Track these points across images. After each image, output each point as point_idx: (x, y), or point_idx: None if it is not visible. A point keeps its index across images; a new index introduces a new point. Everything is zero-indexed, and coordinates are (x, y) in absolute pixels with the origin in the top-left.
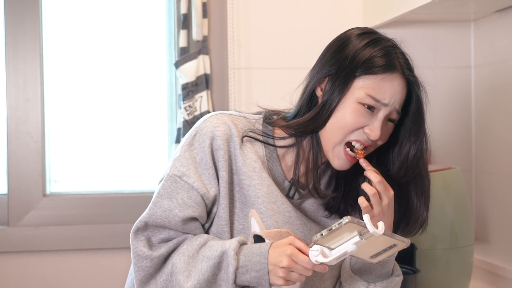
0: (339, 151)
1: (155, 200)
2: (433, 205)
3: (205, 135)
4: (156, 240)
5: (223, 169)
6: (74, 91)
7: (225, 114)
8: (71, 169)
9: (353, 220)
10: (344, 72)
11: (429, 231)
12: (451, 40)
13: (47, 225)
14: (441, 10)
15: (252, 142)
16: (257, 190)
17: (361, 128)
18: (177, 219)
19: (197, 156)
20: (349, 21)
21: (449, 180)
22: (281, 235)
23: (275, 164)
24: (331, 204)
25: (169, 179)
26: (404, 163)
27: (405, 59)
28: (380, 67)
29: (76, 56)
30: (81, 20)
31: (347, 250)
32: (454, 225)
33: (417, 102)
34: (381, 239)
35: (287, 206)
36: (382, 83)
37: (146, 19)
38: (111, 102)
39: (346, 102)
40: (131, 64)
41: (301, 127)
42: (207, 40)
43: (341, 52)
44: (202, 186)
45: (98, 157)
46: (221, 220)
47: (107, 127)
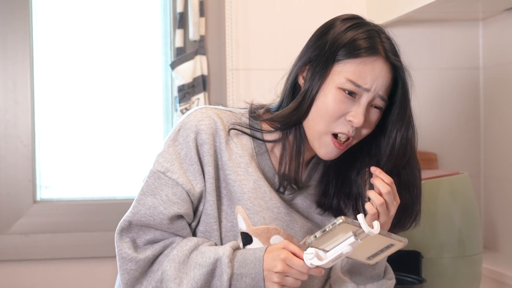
0: (327, 140)
1: (139, 198)
2: (440, 212)
3: (190, 129)
4: (141, 242)
5: (208, 164)
6: (65, 93)
7: (210, 108)
8: (63, 175)
9: (347, 220)
10: (324, 57)
11: (436, 239)
12: (458, 40)
13: (37, 233)
14: (448, 8)
15: (239, 136)
16: (242, 185)
17: (344, 116)
18: (162, 216)
19: (182, 152)
20: None
21: (457, 186)
22: (268, 231)
23: (265, 157)
24: (323, 201)
25: (152, 176)
26: (391, 152)
27: (390, 44)
28: (361, 50)
29: (67, 56)
30: (73, 19)
31: (342, 252)
32: (462, 233)
33: (402, 87)
34: (377, 239)
35: (276, 202)
36: (362, 66)
37: (140, 18)
38: (104, 105)
39: (326, 89)
40: (125, 65)
41: (285, 119)
42: (204, 40)
43: (323, 37)
44: (187, 182)
45: (91, 162)
46: (209, 217)
47: (100, 130)
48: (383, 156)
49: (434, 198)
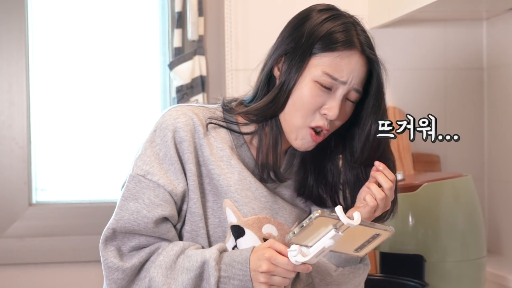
0: (304, 133)
1: (121, 204)
2: (443, 215)
3: (167, 128)
4: (126, 249)
5: (189, 161)
6: (61, 94)
7: (184, 106)
8: (59, 177)
9: (324, 214)
10: (301, 50)
11: (439, 243)
12: (462, 39)
13: (33, 236)
14: (452, 7)
15: (217, 130)
16: (228, 178)
17: (319, 110)
18: (147, 220)
19: (160, 152)
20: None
21: (460, 189)
22: (259, 221)
23: (244, 149)
24: (302, 189)
25: (132, 180)
26: (366, 143)
27: (366, 37)
28: (338, 43)
29: (64, 57)
30: (69, 19)
31: (324, 246)
32: (465, 236)
33: (377, 80)
34: (360, 230)
35: (262, 191)
36: (338, 60)
37: (138, 17)
38: (101, 106)
39: (303, 82)
40: (122, 65)
41: (261, 111)
42: (203, 40)
43: (299, 29)
44: (168, 182)
45: (88, 164)
46: (194, 216)
47: (96, 132)
48: (358, 148)
49: (437, 201)
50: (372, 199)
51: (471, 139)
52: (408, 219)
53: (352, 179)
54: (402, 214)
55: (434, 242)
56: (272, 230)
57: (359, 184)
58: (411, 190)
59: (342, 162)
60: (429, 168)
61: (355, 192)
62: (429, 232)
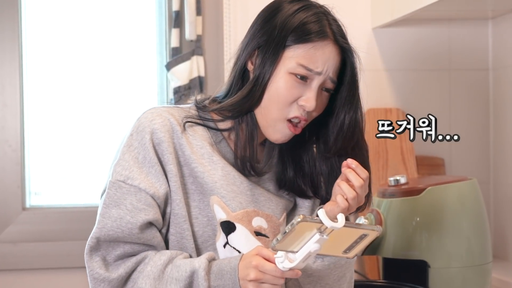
0: (282, 126)
1: (102, 212)
2: (447, 220)
3: (144, 131)
4: (111, 259)
5: (169, 162)
6: (56, 95)
7: (158, 107)
8: (53, 181)
9: (306, 219)
10: (274, 43)
11: (444, 248)
12: (467, 39)
13: (26, 241)
14: (456, 7)
15: (194, 128)
16: (212, 175)
17: (296, 101)
18: (131, 226)
19: (139, 156)
20: (357, 18)
21: (465, 192)
22: (248, 215)
23: (223, 145)
24: (283, 181)
25: (112, 186)
26: (340, 133)
27: (338, 26)
28: (311, 34)
29: (58, 57)
30: (64, 18)
31: (310, 250)
32: (470, 242)
33: (351, 70)
34: (346, 232)
35: (247, 185)
36: (313, 51)
37: (135, 16)
38: (96, 108)
39: (278, 75)
40: (118, 66)
41: (236, 107)
42: (202, 39)
43: (271, 21)
44: (150, 186)
45: (83, 167)
46: (177, 217)
47: (92, 134)
48: (331, 137)
49: (441, 205)
50: (342, 199)
51: (477, 142)
52: (411, 224)
53: (326, 169)
54: (406, 219)
55: (438, 247)
56: (262, 222)
57: (333, 174)
58: (414, 194)
59: (316, 153)
60: (433, 172)
61: (330, 182)
62: (433, 237)
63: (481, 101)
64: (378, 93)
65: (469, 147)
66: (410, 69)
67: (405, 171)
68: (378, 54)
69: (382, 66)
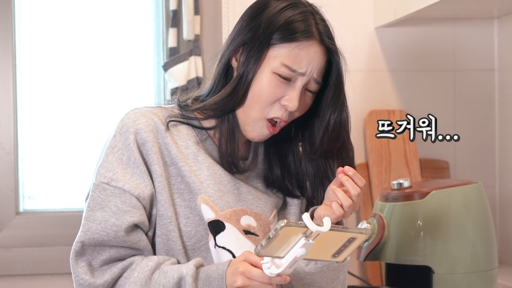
0: (261, 125)
1: (87, 215)
2: (452, 224)
3: (127, 131)
4: (97, 264)
5: (154, 162)
6: (50, 97)
7: (141, 108)
8: (48, 184)
9: (290, 223)
10: (259, 41)
11: (448, 253)
12: (472, 39)
13: (20, 247)
14: (461, 6)
15: (178, 128)
16: (198, 175)
17: (279, 101)
18: (116, 228)
19: (123, 157)
20: (359, 17)
21: (470, 196)
22: (236, 214)
23: (209, 142)
24: (270, 181)
25: (96, 189)
26: (325, 135)
27: (325, 26)
28: (296, 33)
29: (53, 58)
30: (59, 17)
31: (296, 256)
32: (475, 247)
33: (337, 70)
34: (333, 235)
35: (234, 183)
36: (297, 50)
37: (131, 16)
38: (91, 110)
39: (262, 74)
40: (114, 67)
41: (219, 106)
42: (200, 39)
43: (257, 18)
44: (134, 187)
45: (78, 171)
46: (163, 219)
47: (87, 137)
48: (317, 139)
49: (445, 209)
50: (338, 207)
51: (482, 144)
52: (415, 228)
53: (312, 171)
54: (409, 223)
55: (443, 253)
56: (251, 221)
57: (319, 176)
58: (418, 198)
59: (302, 153)
60: (437, 175)
61: (316, 184)
62: (437, 242)
63: (487, 102)
64: (381, 95)
65: (474, 149)
66: (414, 69)
67: (409, 174)
68: (381, 54)
69: (384, 66)
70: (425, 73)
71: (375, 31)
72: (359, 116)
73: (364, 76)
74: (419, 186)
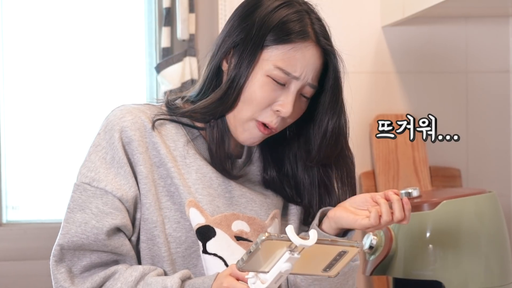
0: (251, 125)
1: (67, 217)
2: (464, 236)
3: (112, 129)
4: (77, 270)
5: (139, 163)
6: (35, 104)
7: (128, 105)
8: (33, 194)
9: (271, 237)
10: (252, 42)
11: (460, 268)
12: (485, 39)
13: (3, 260)
14: (474, 3)
15: (167, 127)
16: (185, 178)
17: (271, 106)
18: (97, 231)
19: (107, 156)
20: (365, 16)
21: (483, 206)
22: (227, 219)
23: (200, 141)
24: (267, 183)
25: (77, 189)
26: (323, 141)
27: (321, 26)
28: (291, 35)
29: (38, 58)
30: (44, 14)
31: (281, 270)
32: (489, 260)
33: (334, 73)
34: (321, 249)
35: (226, 186)
36: (292, 52)
37: (122, 14)
38: (80, 114)
39: (255, 77)
40: (104, 68)
41: (209, 110)
42: (195, 39)
43: (249, 18)
44: (117, 188)
45: (64, 180)
46: (148, 223)
47: (75, 144)
48: (314, 145)
49: (457, 220)
50: (377, 217)
51: (496, 151)
52: (425, 241)
53: (308, 179)
54: (418, 235)
55: (454, 267)
56: (243, 226)
57: (315, 184)
58: (428, 208)
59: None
60: (448, 184)
61: (312, 193)
62: (448, 256)
63: (501, 106)
64: (388, 98)
65: (488, 156)
66: (423, 71)
67: (418, 183)
68: (388, 55)
69: (392, 68)
70: (435, 75)
71: (382, 30)
72: (365, 121)
73: (370, 79)
74: (429, 196)
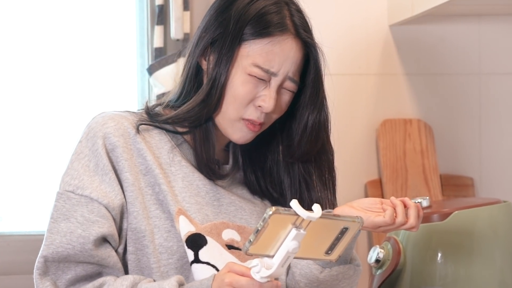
0: (240, 125)
1: (50, 227)
2: (477, 248)
3: (95, 136)
4: (63, 284)
5: (125, 170)
6: (20, 108)
7: (109, 111)
8: (18, 204)
9: (278, 210)
10: (229, 37)
11: (473, 281)
12: (500, 38)
13: None
14: (487, 1)
15: (151, 134)
16: (172, 186)
17: (253, 102)
18: (83, 240)
19: (90, 163)
20: (371, 14)
21: (498, 217)
22: (216, 227)
23: (185, 147)
24: (253, 187)
25: (60, 198)
26: (303, 136)
27: (301, 17)
28: (268, 27)
29: (23, 59)
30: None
31: (288, 250)
32: (504, 274)
33: (315, 67)
34: (325, 225)
35: (214, 194)
36: (270, 47)
37: (112, 12)
38: (68, 119)
39: (236, 75)
40: (93, 70)
41: (193, 114)
42: (189, 39)
43: (226, 12)
44: (103, 195)
45: (51, 189)
46: (136, 232)
47: (62, 150)
48: (295, 140)
49: (470, 231)
50: (392, 215)
51: (511, 158)
52: (435, 254)
53: (289, 176)
54: (429, 248)
55: (467, 281)
56: (233, 235)
57: (296, 182)
58: (439, 219)
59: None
60: (460, 193)
61: (294, 191)
62: (460, 269)
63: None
64: (396, 102)
65: (503, 164)
66: (433, 73)
67: (428, 192)
68: (396, 56)
69: (400, 69)
70: (446, 77)
71: (389, 30)
72: (372, 126)
73: (376, 81)
74: (439, 206)
